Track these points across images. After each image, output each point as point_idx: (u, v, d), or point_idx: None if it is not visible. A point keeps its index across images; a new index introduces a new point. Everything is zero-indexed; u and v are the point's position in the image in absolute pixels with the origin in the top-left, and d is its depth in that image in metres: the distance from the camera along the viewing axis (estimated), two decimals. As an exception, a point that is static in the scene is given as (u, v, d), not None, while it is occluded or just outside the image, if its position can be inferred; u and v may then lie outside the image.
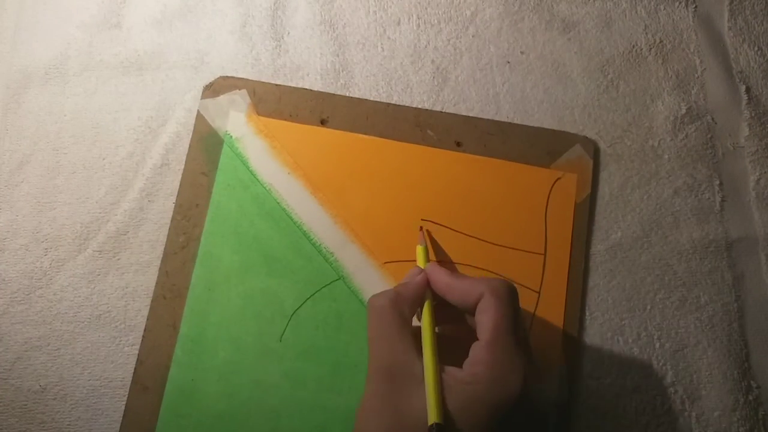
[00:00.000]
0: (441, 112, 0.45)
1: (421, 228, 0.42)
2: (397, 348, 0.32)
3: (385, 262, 0.42)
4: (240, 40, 0.46)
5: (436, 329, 0.34)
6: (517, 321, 0.33)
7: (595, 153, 0.44)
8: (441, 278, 0.35)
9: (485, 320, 0.32)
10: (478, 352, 0.31)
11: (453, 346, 0.33)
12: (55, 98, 0.45)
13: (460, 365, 0.32)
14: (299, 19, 0.47)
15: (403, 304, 0.34)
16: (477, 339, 0.32)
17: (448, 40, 0.47)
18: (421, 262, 0.39)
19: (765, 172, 0.45)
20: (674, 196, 0.44)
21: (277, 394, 0.39)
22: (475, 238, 0.42)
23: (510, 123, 0.45)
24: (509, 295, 0.33)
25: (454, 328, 0.36)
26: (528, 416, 0.31)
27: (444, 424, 0.29)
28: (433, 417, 0.29)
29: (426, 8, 0.48)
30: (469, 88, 0.46)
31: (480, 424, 0.30)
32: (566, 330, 0.41)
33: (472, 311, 0.34)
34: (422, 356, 0.32)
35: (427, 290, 0.36)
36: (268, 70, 0.46)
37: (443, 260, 0.42)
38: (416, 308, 0.35)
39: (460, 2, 0.48)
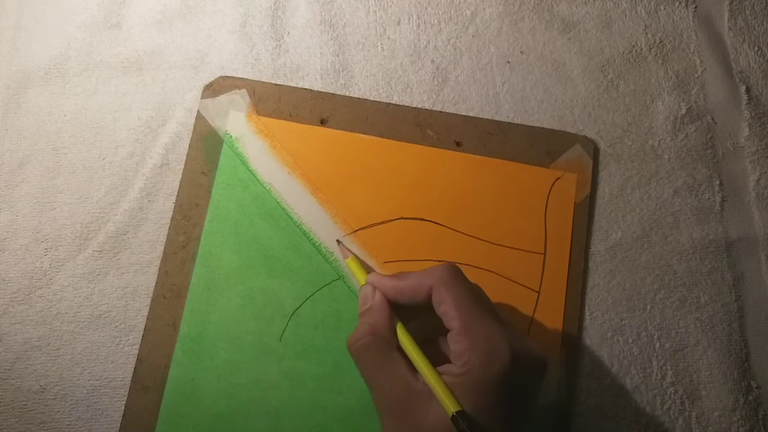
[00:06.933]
0: (441, 111, 0.45)
1: (338, 242, 0.41)
2: (395, 376, 0.33)
3: (385, 262, 0.42)
4: (240, 40, 0.46)
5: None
6: (473, 294, 0.33)
7: (595, 153, 0.44)
8: (387, 284, 0.35)
9: (447, 310, 0.33)
10: (457, 342, 0.32)
11: (431, 346, 0.34)
12: (55, 98, 0.45)
13: (441, 359, 0.33)
14: (299, 19, 0.47)
15: (383, 332, 0.34)
16: (447, 329, 0.33)
17: (448, 40, 0.47)
18: (359, 273, 0.38)
19: (765, 172, 0.45)
20: (674, 196, 0.44)
21: (277, 394, 0.39)
22: (475, 238, 0.42)
23: (510, 123, 0.45)
24: (456, 277, 0.34)
25: (418, 324, 0.36)
26: (532, 368, 0.32)
27: (463, 410, 0.29)
28: (450, 408, 0.29)
29: (426, 8, 0.48)
30: (469, 88, 0.46)
31: (493, 404, 0.30)
32: (566, 330, 0.41)
33: (426, 304, 0.34)
34: (418, 372, 0.33)
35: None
36: (268, 70, 0.46)
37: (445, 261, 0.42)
38: (393, 327, 0.35)
39: (460, 2, 0.48)
